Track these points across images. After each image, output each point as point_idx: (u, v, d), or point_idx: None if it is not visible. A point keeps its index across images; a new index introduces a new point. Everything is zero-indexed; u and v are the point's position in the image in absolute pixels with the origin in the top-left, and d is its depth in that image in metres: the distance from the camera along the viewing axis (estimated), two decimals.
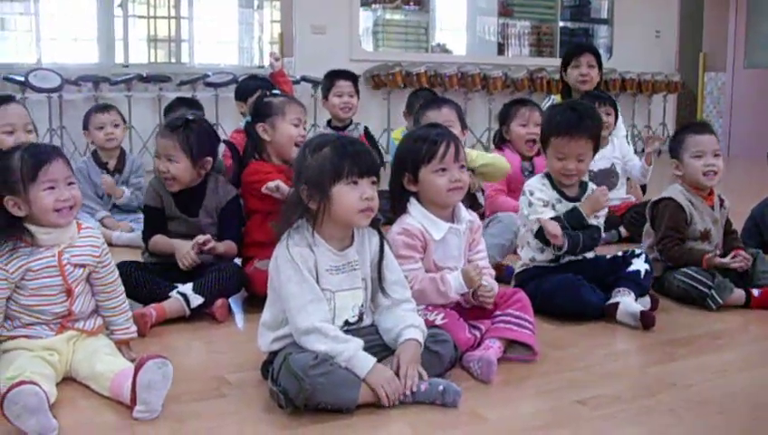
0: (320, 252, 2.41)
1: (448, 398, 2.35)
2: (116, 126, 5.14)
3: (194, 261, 3.31)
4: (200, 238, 3.32)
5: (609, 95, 5.29)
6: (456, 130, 3.77)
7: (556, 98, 5.43)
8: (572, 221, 3.28)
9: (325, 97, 5.32)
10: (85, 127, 5.18)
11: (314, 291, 2.37)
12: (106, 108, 5.20)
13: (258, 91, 4.73)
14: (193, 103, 5.38)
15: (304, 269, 2.36)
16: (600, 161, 4.89)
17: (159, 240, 3.42)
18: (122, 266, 3.23)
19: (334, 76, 5.36)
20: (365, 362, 2.30)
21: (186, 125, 3.41)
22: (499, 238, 3.89)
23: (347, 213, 2.39)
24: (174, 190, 3.39)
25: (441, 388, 2.35)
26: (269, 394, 2.33)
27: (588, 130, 3.33)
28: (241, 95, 5.14)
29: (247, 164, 3.62)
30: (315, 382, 2.22)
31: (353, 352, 2.30)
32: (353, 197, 2.37)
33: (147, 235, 3.47)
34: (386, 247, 2.55)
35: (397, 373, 2.34)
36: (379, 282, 2.53)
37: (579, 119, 3.34)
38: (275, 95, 3.71)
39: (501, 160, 4.02)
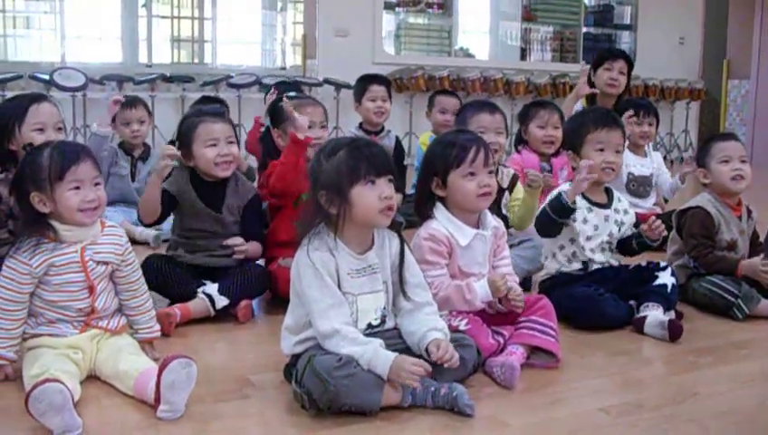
0: (340, 256, 2.41)
1: (462, 404, 2.33)
2: (142, 122, 5.17)
3: (176, 153, 3.25)
4: (230, 242, 3.34)
5: (652, 104, 5.27)
6: (503, 137, 3.79)
7: (581, 101, 5.41)
8: (555, 206, 3.25)
9: (358, 101, 5.33)
10: (112, 120, 5.16)
11: (335, 295, 2.37)
12: (132, 103, 5.18)
13: None
14: (219, 101, 5.40)
15: (325, 274, 2.37)
16: (641, 168, 4.91)
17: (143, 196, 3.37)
18: (150, 260, 3.26)
19: (368, 81, 5.37)
20: (385, 361, 2.29)
21: (222, 112, 3.44)
22: (528, 264, 3.83)
23: (367, 214, 2.39)
24: (228, 175, 3.37)
25: (455, 393, 2.34)
26: (293, 395, 2.34)
27: (621, 125, 3.46)
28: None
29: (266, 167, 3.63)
30: (339, 384, 2.22)
31: (372, 353, 2.30)
32: (373, 197, 2.37)
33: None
34: (406, 250, 2.55)
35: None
36: (400, 285, 2.53)
37: (609, 113, 3.47)
38: (291, 98, 3.68)
39: (533, 211, 3.97)
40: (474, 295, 2.71)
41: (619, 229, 3.42)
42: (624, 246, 3.45)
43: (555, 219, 3.25)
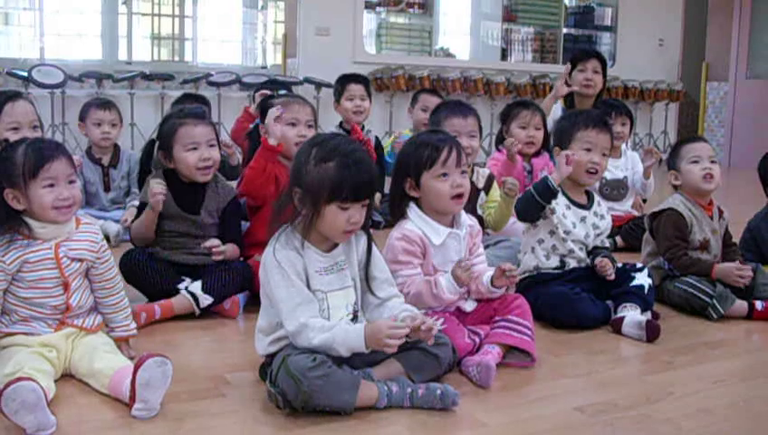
0: (307, 254, 2.42)
1: (447, 400, 2.35)
2: (113, 126, 5.07)
3: (163, 190, 3.24)
4: (208, 244, 3.31)
5: (626, 105, 5.27)
6: (477, 140, 3.79)
7: (559, 101, 5.44)
8: (541, 189, 3.27)
9: (337, 101, 5.33)
10: (81, 119, 5.10)
11: (302, 294, 2.37)
12: (107, 105, 5.11)
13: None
14: (200, 100, 5.36)
15: (292, 273, 2.37)
16: (614, 171, 4.90)
17: (136, 222, 3.36)
18: (130, 254, 3.23)
19: (346, 80, 5.39)
20: (358, 335, 2.29)
21: (203, 112, 3.42)
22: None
23: (330, 231, 2.41)
24: (208, 180, 3.36)
25: (439, 392, 2.35)
26: (267, 395, 2.33)
27: (611, 129, 3.49)
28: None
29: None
30: (313, 384, 2.22)
31: (343, 334, 2.30)
32: (341, 219, 2.37)
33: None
34: (373, 247, 2.55)
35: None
36: (366, 281, 2.53)
37: (602, 116, 3.51)
38: (280, 96, 3.68)
39: (508, 217, 3.99)
40: (440, 289, 2.71)
41: (595, 231, 3.43)
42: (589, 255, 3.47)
43: (538, 200, 3.26)
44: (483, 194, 3.91)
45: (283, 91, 3.70)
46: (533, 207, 3.29)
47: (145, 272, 3.25)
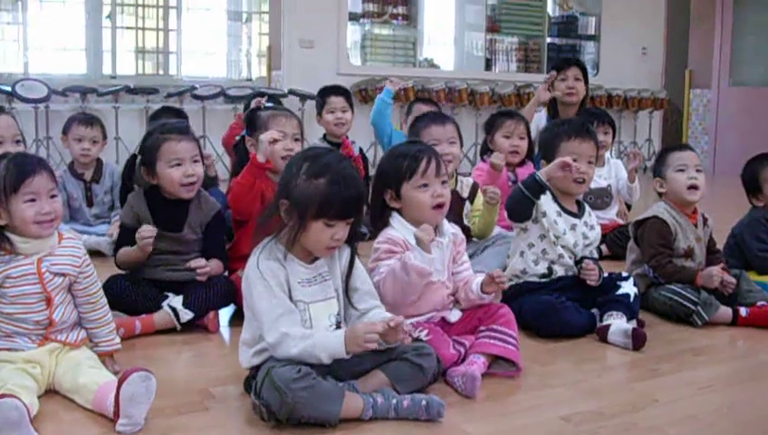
0: (290, 266, 2.42)
1: (432, 410, 2.34)
2: (94, 142, 5.03)
3: (153, 232, 3.21)
4: (193, 264, 3.29)
5: (607, 113, 5.27)
6: (457, 147, 3.80)
7: (543, 110, 5.45)
8: (530, 184, 3.29)
9: (319, 114, 5.33)
10: (64, 132, 5.08)
11: (284, 305, 2.37)
12: (90, 121, 5.08)
13: None
14: (178, 113, 5.33)
15: (274, 285, 2.37)
16: (598, 179, 4.91)
17: (123, 252, 3.34)
18: (112, 280, 3.21)
19: (326, 93, 5.38)
20: (337, 340, 2.31)
21: (186, 126, 3.42)
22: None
23: (314, 246, 2.42)
24: (192, 196, 3.33)
25: (424, 402, 2.35)
26: (252, 407, 2.33)
27: (594, 136, 3.51)
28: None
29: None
30: (298, 396, 2.22)
31: (323, 340, 2.31)
32: (325, 236, 2.39)
33: (116, 251, 3.40)
34: (356, 260, 2.56)
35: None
36: (346, 293, 2.53)
37: (584, 125, 3.52)
38: (267, 108, 3.66)
39: (492, 224, 4.02)
40: (406, 256, 2.65)
41: (584, 241, 3.44)
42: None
43: (526, 194, 3.28)
44: (468, 203, 3.92)
45: (269, 104, 3.68)
46: (523, 203, 3.29)
47: (130, 298, 3.22)
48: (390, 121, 5.48)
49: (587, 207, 3.52)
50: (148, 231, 3.20)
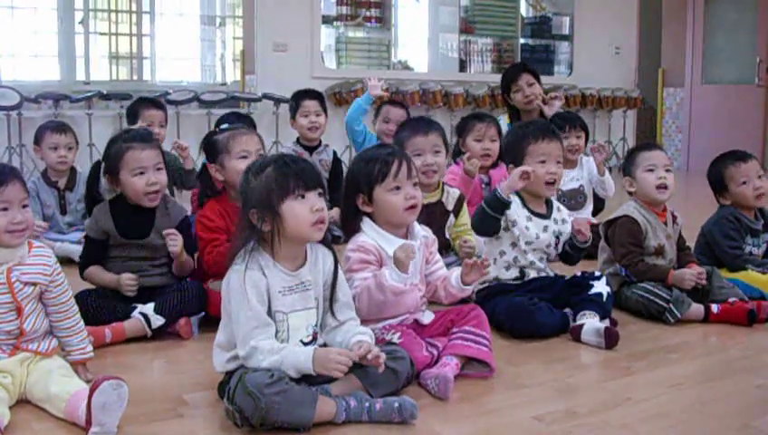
0: (272, 274, 2.42)
1: (406, 412, 2.35)
2: (69, 149, 5.01)
3: (135, 282, 3.27)
4: (167, 231, 3.28)
5: (579, 117, 5.23)
6: (442, 156, 3.79)
7: (504, 118, 5.44)
8: (492, 203, 3.30)
9: (293, 117, 5.33)
10: (37, 142, 5.04)
11: (259, 318, 2.38)
12: (62, 129, 5.05)
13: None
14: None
15: (252, 296, 2.37)
16: (569, 182, 4.91)
17: (95, 272, 3.34)
18: (81, 295, 3.18)
19: (300, 97, 5.38)
20: (306, 357, 2.32)
21: (148, 133, 3.40)
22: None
23: (300, 228, 2.41)
24: (156, 205, 3.32)
25: (396, 404, 2.35)
26: (225, 413, 2.32)
27: (559, 137, 3.51)
28: None
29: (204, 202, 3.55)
30: (271, 401, 2.22)
31: (292, 356, 2.33)
32: (304, 210, 2.39)
33: (83, 265, 3.40)
34: (339, 269, 2.57)
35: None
36: (330, 303, 2.55)
37: (548, 125, 3.55)
38: (223, 130, 3.57)
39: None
40: (382, 276, 2.67)
41: (558, 239, 3.46)
42: (561, 254, 3.51)
43: (490, 213, 3.29)
44: (452, 216, 3.90)
45: (225, 126, 3.59)
46: (488, 220, 3.31)
47: (99, 314, 3.18)
48: (364, 123, 5.48)
49: (554, 203, 3.53)
50: (130, 280, 3.26)
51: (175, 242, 3.29)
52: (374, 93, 5.31)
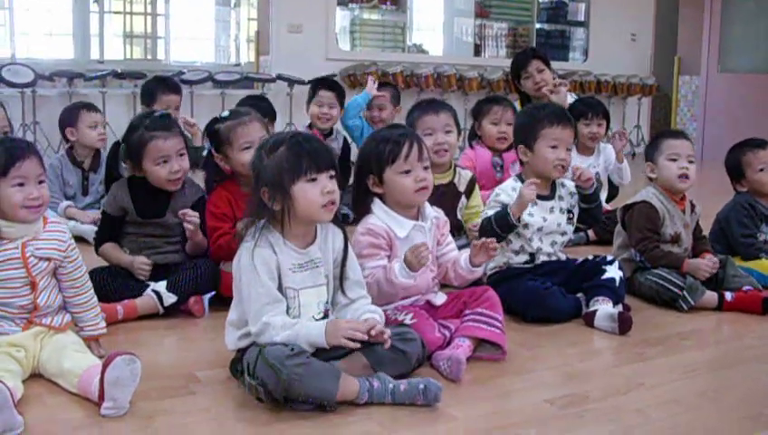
0: (282, 251, 2.42)
1: (430, 394, 2.34)
2: (104, 125, 5.10)
3: (149, 266, 3.29)
4: (182, 211, 3.26)
5: (602, 104, 5.17)
6: (453, 135, 3.78)
7: (516, 104, 5.40)
8: (500, 222, 3.28)
9: (308, 103, 5.32)
10: (69, 123, 5.02)
11: (270, 294, 2.38)
12: (95, 107, 5.14)
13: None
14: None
15: (263, 273, 2.37)
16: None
17: (109, 250, 3.36)
18: (94, 272, 3.19)
19: (318, 85, 5.37)
20: (318, 330, 2.33)
21: (169, 118, 3.40)
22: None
23: (310, 209, 2.41)
24: (179, 187, 3.34)
25: (422, 386, 2.34)
26: (247, 389, 2.32)
27: (573, 123, 3.48)
28: None
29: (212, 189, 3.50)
30: (292, 373, 2.21)
31: (305, 330, 2.33)
32: (315, 192, 2.39)
33: (98, 241, 3.41)
34: (349, 247, 2.57)
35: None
36: (340, 281, 2.54)
37: (563, 110, 3.50)
38: (226, 118, 3.52)
39: None
40: (392, 273, 2.69)
41: (569, 215, 3.44)
42: (580, 216, 3.51)
43: (499, 234, 3.26)
44: (463, 198, 3.89)
45: (225, 113, 3.53)
46: (493, 235, 3.25)
47: (112, 291, 3.19)
48: (360, 115, 5.47)
49: (557, 182, 3.48)
50: (144, 264, 3.29)
51: (192, 222, 3.28)
52: (373, 92, 5.31)
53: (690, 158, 3.66)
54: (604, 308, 3.19)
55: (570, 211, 3.46)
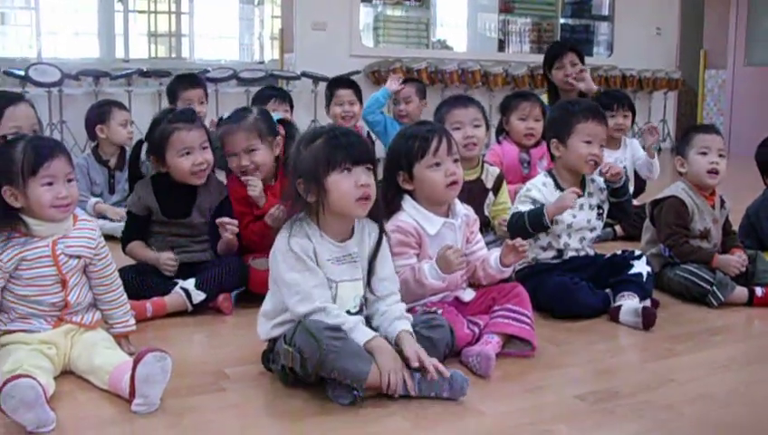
0: (319, 243, 2.43)
1: (456, 386, 2.34)
2: (132, 123, 5.16)
3: (175, 262, 3.30)
4: (220, 220, 3.27)
5: (628, 96, 5.17)
6: (482, 130, 3.76)
7: (544, 98, 5.37)
8: (534, 220, 3.26)
9: (328, 106, 5.32)
10: (100, 121, 5.06)
11: (318, 277, 2.39)
12: (124, 106, 5.21)
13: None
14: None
15: (306, 258, 2.38)
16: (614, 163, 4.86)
17: (137, 248, 3.37)
18: (122, 271, 3.21)
19: (334, 85, 5.37)
20: (363, 336, 2.34)
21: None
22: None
23: (344, 202, 2.40)
24: (203, 182, 3.33)
25: (448, 375, 2.34)
26: (282, 360, 2.34)
27: (605, 120, 3.47)
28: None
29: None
30: (330, 344, 2.24)
31: (354, 325, 2.35)
32: (348, 185, 2.38)
33: (125, 240, 3.42)
34: (383, 243, 2.57)
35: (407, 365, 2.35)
36: (368, 275, 2.54)
37: (597, 107, 3.49)
38: (220, 122, 3.53)
39: None
40: (422, 274, 2.70)
41: (599, 211, 3.43)
42: (610, 211, 3.51)
43: (531, 232, 3.27)
44: (491, 194, 3.87)
45: (224, 116, 3.56)
46: (524, 234, 3.24)
47: (140, 289, 3.19)
48: (382, 111, 5.46)
49: (586, 178, 3.46)
50: (170, 259, 3.30)
51: (230, 231, 3.28)
52: (392, 88, 5.29)
53: (721, 152, 3.63)
54: (629, 303, 3.18)
55: (600, 207, 3.45)
